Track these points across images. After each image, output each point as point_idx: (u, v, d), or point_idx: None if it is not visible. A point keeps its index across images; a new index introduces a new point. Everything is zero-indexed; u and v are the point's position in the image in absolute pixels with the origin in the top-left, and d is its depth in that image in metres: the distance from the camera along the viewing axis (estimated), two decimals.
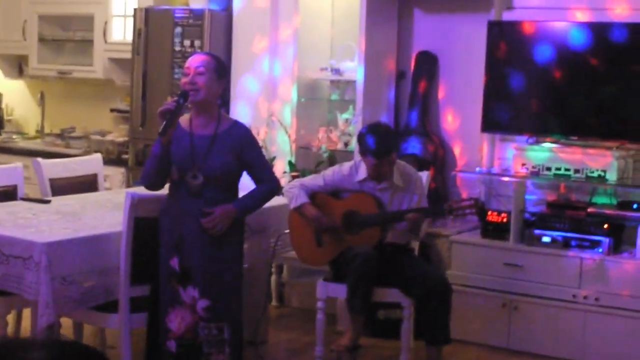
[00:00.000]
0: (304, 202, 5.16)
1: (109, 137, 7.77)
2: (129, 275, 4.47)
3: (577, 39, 5.76)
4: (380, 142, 5.05)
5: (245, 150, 4.39)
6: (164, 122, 4.23)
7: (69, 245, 4.33)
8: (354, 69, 6.51)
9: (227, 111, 4.32)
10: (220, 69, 4.39)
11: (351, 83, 6.63)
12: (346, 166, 5.28)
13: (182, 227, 4.35)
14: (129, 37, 7.37)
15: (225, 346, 4.36)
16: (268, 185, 4.49)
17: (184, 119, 4.42)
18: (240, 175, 4.47)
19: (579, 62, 5.78)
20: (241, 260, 4.52)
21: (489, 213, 5.87)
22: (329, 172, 5.30)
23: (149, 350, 4.55)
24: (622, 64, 5.66)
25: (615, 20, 5.77)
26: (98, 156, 6.09)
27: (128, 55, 7.30)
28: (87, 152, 7.46)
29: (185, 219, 4.35)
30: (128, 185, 7.12)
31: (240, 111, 6.72)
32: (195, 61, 4.35)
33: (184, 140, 4.35)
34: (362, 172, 5.17)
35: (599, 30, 5.73)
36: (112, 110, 8.04)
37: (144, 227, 4.49)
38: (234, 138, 4.38)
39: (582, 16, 5.92)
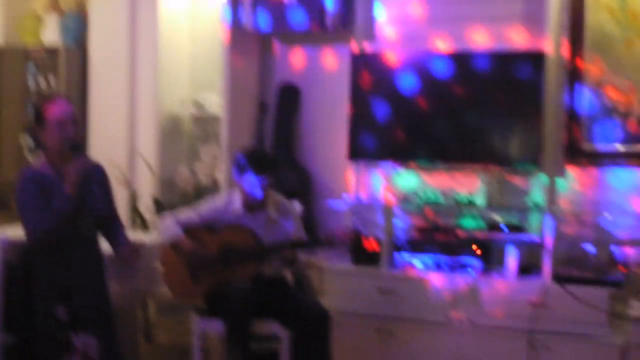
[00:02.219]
0: (178, 235, 5.05)
1: None
2: (1, 322, 4.27)
3: (440, 67, 5.89)
4: (259, 158, 5.06)
5: (105, 185, 4.56)
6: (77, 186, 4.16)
7: None
8: (216, 103, 6.45)
9: (84, 149, 4.31)
10: None
11: (214, 117, 6.56)
12: (220, 198, 5.22)
13: (69, 277, 4.21)
14: None
15: None
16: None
17: (37, 163, 4.27)
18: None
19: (442, 89, 5.90)
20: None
21: (365, 241, 5.89)
22: (204, 206, 5.22)
23: None
24: (485, 91, 5.81)
25: (475, 49, 5.92)
26: None
27: None
28: None
29: (73, 268, 4.22)
30: None
31: (100, 148, 6.55)
32: (70, 112, 4.28)
33: (58, 188, 4.21)
34: (237, 204, 5.11)
35: (460, 59, 5.87)
36: None
37: (14, 272, 4.31)
38: (98, 174, 4.52)
39: (444, 45, 6.05)
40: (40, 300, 4.24)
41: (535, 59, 5.70)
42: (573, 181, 5.81)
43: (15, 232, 4.56)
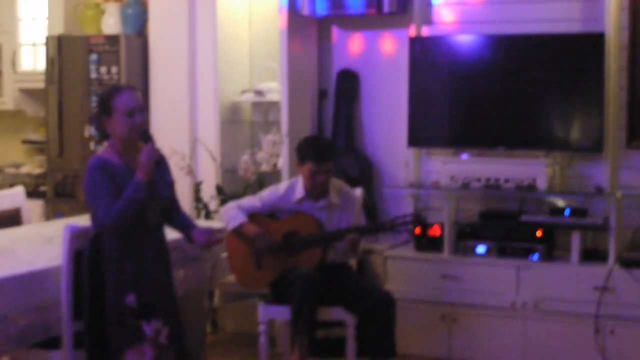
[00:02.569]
0: (243, 222, 5.10)
1: (24, 170, 7.56)
2: (71, 310, 4.33)
3: (499, 51, 5.86)
4: (320, 147, 5.09)
5: (168, 173, 4.46)
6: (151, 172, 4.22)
7: (8, 283, 4.16)
8: (276, 90, 6.48)
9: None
10: None
11: (273, 104, 6.60)
12: (282, 186, 5.24)
13: (140, 265, 4.26)
14: (40, 67, 7.21)
15: None
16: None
17: (106, 153, 4.30)
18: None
19: (502, 74, 5.88)
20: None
21: (428, 227, 5.89)
22: (266, 193, 5.25)
23: None
24: (545, 74, 5.78)
25: (534, 31, 5.88)
26: (20, 189, 5.89)
27: (39, 85, 7.14)
28: (1, 186, 7.24)
29: (143, 255, 4.27)
30: (48, 218, 6.93)
31: (162, 136, 6.59)
32: (138, 99, 4.28)
33: (127, 178, 4.24)
34: (299, 191, 5.14)
35: (520, 42, 5.87)
36: (24, 142, 7.82)
37: (83, 259, 4.36)
38: (162, 163, 4.42)
39: (502, 27, 6.01)
40: (110, 288, 4.28)
41: (595, 40, 5.65)
42: (636, 164, 5.75)
43: (83, 220, 4.61)
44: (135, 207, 4.16)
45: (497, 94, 5.90)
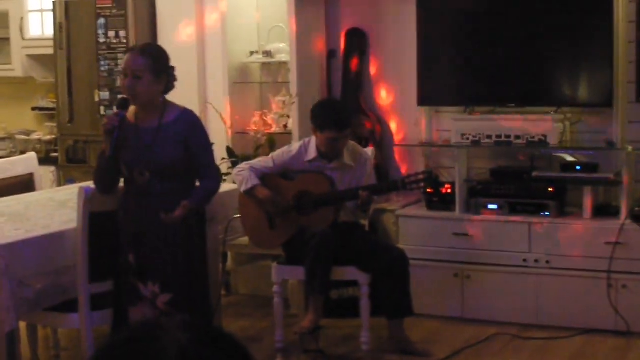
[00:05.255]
0: (255, 185, 5.11)
1: (35, 136, 7.58)
2: (87, 272, 4.36)
3: (509, 7, 5.83)
4: (340, 114, 5.08)
5: (189, 140, 4.31)
6: (112, 140, 4.18)
7: (24, 247, 4.20)
8: (285, 51, 6.47)
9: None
10: (158, 66, 4.31)
11: (282, 65, 6.59)
12: (295, 146, 5.25)
13: (137, 225, 4.28)
14: (48, 32, 7.19)
15: None
16: (211, 179, 4.41)
17: (130, 112, 4.33)
18: (191, 165, 4.36)
19: (510, 30, 5.85)
20: (204, 251, 4.45)
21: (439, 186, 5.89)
22: (278, 153, 5.26)
23: None
24: (554, 29, 5.74)
25: None
26: (32, 155, 5.91)
27: (48, 51, 7.12)
28: (12, 153, 7.27)
29: (139, 216, 4.27)
30: (60, 184, 6.95)
31: (171, 99, 6.58)
32: (131, 64, 4.24)
33: (130, 137, 4.26)
34: (312, 151, 5.14)
35: None
36: (33, 109, 7.82)
37: (98, 222, 4.39)
38: (178, 128, 4.30)
39: None
40: (119, 247, 4.35)
41: None
42: None
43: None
44: (98, 169, 4.37)
45: (506, 50, 5.87)
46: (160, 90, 4.33)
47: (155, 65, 4.28)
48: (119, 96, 4.38)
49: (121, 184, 4.40)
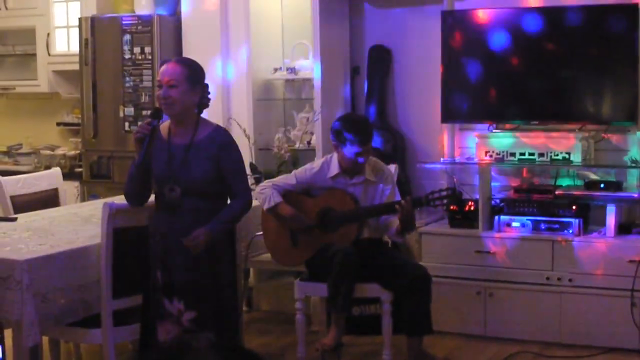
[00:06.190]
0: (278, 202, 5.11)
1: (59, 151, 7.63)
2: (110, 288, 4.38)
3: (532, 24, 5.83)
4: (361, 129, 5.05)
5: (221, 158, 4.28)
6: (142, 149, 4.19)
7: (48, 262, 4.22)
8: (309, 67, 6.49)
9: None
10: (194, 77, 4.26)
11: (306, 81, 6.61)
12: (318, 163, 5.25)
13: (165, 241, 4.28)
14: (74, 48, 7.25)
15: None
16: (239, 201, 4.37)
17: (163, 127, 4.34)
18: (223, 183, 4.35)
19: (534, 47, 5.85)
20: (233, 273, 4.45)
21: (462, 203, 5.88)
22: (301, 171, 5.26)
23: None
24: (578, 46, 5.74)
25: (567, 3, 5.84)
26: (57, 171, 5.96)
27: (73, 67, 7.17)
28: (37, 168, 7.33)
29: (168, 232, 4.27)
30: (83, 199, 6.99)
31: None
32: (166, 74, 4.23)
33: (162, 152, 4.28)
34: (335, 168, 5.14)
35: (552, 15, 5.81)
36: (58, 124, 7.88)
37: (122, 237, 4.41)
38: (211, 145, 4.27)
39: (535, 0, 5.98)
40: (149, 262, 4.37)
41: (629, 11, 5.60)
42: None
43: (118, 201, 4.65)
44: (128, 179, 4.38)
45: (530, 68, 5.87)
46: (194, 102, 4.27)
47: (192, 75, 4.25)
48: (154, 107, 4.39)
49: (152, 199, 4.41)
